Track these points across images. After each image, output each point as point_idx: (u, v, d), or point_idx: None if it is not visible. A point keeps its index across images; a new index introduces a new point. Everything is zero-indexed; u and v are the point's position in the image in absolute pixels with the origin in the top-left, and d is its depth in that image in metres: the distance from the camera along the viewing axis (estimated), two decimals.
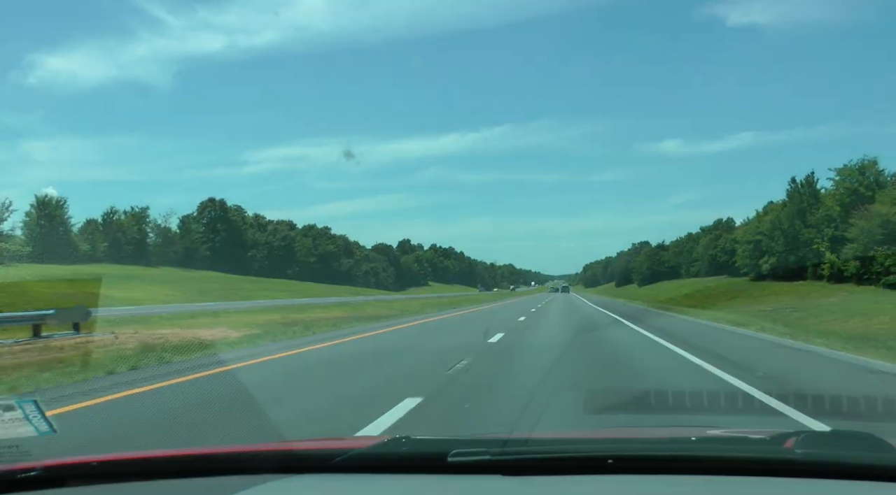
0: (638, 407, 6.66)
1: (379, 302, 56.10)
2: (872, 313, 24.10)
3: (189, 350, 13.13)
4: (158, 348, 13.26)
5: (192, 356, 12.24)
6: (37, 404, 2.00)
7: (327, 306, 42.26)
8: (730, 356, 11.85)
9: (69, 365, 10.69)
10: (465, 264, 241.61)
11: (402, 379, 9.39)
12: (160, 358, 11.72)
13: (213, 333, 18.43)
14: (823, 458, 1.74)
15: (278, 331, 19.21)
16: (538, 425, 5.63)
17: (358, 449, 1.97)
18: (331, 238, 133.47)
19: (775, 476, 1.71)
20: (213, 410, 6.93)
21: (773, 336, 16.77)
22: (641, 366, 10.88)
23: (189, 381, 9.08)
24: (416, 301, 61.98)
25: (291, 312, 32.53)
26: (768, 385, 7.99)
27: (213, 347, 13.91)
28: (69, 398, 7.56)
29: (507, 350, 13.49)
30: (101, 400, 7.57)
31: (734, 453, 1.83)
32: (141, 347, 13.45)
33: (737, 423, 5.86)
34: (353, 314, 32.15)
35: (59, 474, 1.92)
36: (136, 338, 16.40)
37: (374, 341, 16.76)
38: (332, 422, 6.35)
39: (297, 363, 11.79)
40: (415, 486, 1.81)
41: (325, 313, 32.85)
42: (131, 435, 5.83)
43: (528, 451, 1.89)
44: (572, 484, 1.75)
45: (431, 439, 2.13)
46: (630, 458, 1.82)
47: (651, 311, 37.11)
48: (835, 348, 12.95)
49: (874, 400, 6.69)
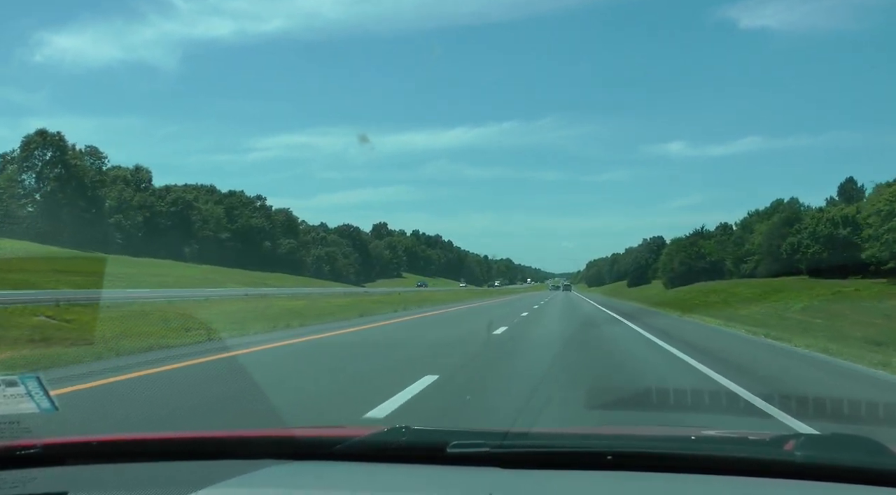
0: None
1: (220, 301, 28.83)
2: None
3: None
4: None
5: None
6: (39, 381, 1.98)
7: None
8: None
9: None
10: (454, 255, 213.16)
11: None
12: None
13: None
14: (823, 461, 1.73)
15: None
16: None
17: (357, 437, 1.95)
18: (260, 210, 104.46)
19: (775, 477, 1.70)
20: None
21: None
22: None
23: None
24: (326, 300, 37.36)
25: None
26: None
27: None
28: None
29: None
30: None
31: (733, 453, 1.83)
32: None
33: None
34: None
35: (59, 453, 1.93)
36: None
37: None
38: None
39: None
40: (413, 476, 1.81)
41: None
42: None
43: (526, 445, 1.91)
44: (570, 479, 1.75)
45: (431, 430, 2.11)
46: (629, 455, 1.81)
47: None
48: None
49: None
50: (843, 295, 38.74)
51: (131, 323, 15.26)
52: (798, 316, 32.98)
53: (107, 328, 13.91)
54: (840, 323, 27.78)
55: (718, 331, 20.69)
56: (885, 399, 7.65)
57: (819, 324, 27.46)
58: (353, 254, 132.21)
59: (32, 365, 9.12)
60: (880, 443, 1.82)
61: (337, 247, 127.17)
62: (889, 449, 1.77)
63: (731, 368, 10.22)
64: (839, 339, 17.54)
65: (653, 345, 14.50)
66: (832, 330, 23.45)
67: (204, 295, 32.40)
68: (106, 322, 15.12)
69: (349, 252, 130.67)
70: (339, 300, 38.43)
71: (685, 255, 78.28)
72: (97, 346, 11.25)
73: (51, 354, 10.34)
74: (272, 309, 25.51)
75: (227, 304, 26.94)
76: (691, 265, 76.30)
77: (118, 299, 22.46)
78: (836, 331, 22.36)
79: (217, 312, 20.96)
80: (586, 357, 12.01)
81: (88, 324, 14.95)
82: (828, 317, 30.44)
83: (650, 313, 33.91)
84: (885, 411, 6.43)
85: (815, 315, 31.58)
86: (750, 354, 13.18)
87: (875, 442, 1.83)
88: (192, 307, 22.10)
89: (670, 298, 54.87)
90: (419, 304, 37.47)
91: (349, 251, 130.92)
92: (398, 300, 41.54)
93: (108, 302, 20.10)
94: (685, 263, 77.53)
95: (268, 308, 25.89)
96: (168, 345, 11.98)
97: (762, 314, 32.91)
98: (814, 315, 31.94)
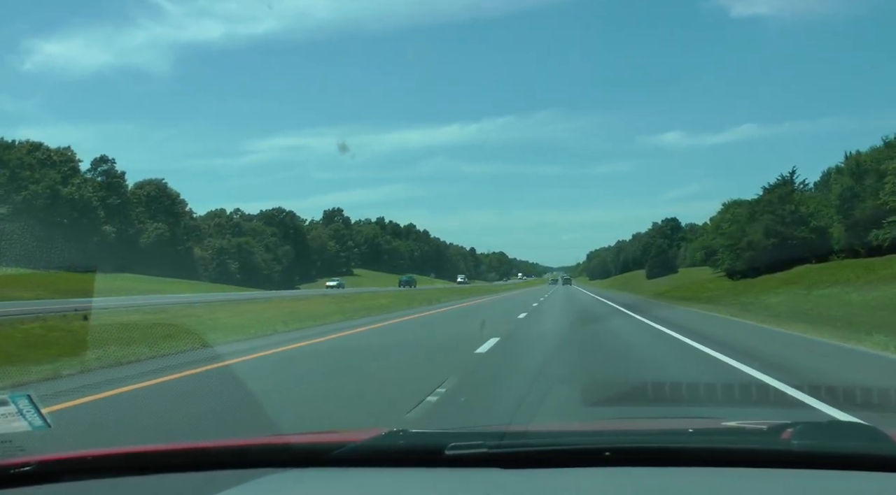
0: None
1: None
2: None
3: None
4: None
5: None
6: (30, 398, 1.98)
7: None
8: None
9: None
10: (431, 247, 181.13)
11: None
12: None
13: None
14: (820, 449, 1.73)
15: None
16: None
17: (354, 442, 1.94)
18: (95, 176, 69.95)
19: (773, 467, 1.70)
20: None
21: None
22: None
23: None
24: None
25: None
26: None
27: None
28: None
29: None
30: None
31: (731, 444, 1.83)
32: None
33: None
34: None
35: (54, 469, 1.91)
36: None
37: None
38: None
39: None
40: (412, 479, 1.81)
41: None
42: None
43: (525, 444, 1.89)
44: (570, 477, 1.74)
45: (428, 432, 2.12)
46: (627, 450, 1.80)
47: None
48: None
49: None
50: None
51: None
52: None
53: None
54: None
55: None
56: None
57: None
58: (282, 247, 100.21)
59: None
60: (878, 430, 1.83)
61: (257, 236, 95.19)
62: (886, 435, 1.77)
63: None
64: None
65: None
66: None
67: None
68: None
69: (275, 243, 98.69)
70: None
71: (773, 219, 45.06)
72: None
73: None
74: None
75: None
76: (784, 236, 43.66)
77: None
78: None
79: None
80: None
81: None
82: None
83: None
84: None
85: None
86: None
87: (873, 429, 1.86)
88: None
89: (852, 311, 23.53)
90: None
91: (276, 242, 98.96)
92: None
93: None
94: (775, 232, 44.37)
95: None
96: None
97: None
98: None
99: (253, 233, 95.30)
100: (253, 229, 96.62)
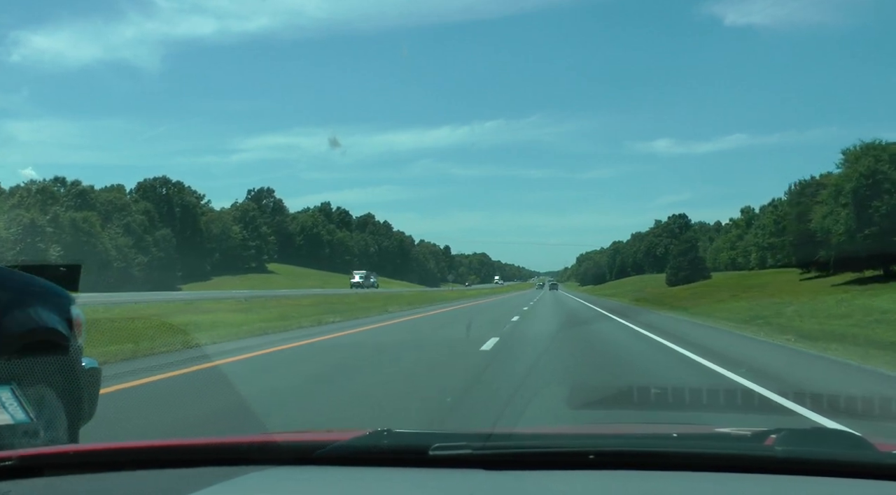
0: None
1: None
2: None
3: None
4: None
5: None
6: (13, 392, 1.95)
7: None
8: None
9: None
10: (393, 243, 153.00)
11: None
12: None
13: None
14: (803, 456, 1.73)
15: None
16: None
17: (338, 441, 1.94)
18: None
19: (756, 472, 1.70)
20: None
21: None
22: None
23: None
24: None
25: None
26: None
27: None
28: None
29: None
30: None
31: (715, 450, 1.83)
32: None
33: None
34: None
35: (37, 463, 1.90)
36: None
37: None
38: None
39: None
40: (395, 479, 1.81)
41: None
42: None
43: (509, 446, 1.90)
44: (553, 479, 1.74)
45: (413, 432, 2.12)
46: (611, 454, 1.80)
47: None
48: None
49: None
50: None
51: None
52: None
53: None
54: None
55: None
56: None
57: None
58: (158, 231, 71.63)
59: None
60: (860, 437, 1.86)
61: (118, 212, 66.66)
62: (869, 443, 1.79)
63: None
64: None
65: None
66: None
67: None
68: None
69: (145, 224, 70.05)
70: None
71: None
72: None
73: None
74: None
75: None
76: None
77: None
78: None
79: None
80: None
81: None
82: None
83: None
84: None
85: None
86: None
87: (856, 436, 1.89)
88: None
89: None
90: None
91: (146, 223, 70.34)
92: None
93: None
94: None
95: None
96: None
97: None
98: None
99: (108, 207, 66.72)
100: (111, 202, 68.04)
